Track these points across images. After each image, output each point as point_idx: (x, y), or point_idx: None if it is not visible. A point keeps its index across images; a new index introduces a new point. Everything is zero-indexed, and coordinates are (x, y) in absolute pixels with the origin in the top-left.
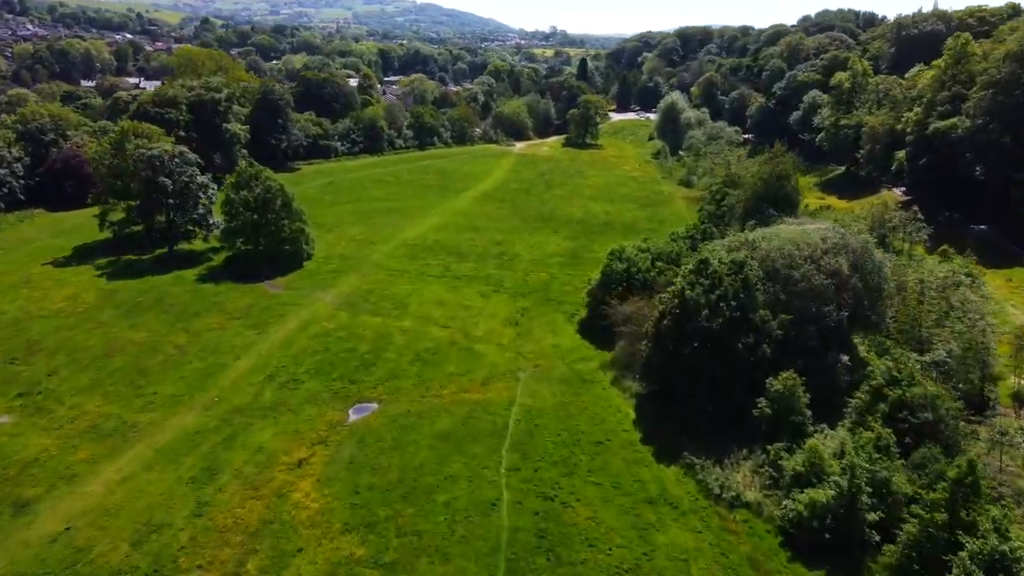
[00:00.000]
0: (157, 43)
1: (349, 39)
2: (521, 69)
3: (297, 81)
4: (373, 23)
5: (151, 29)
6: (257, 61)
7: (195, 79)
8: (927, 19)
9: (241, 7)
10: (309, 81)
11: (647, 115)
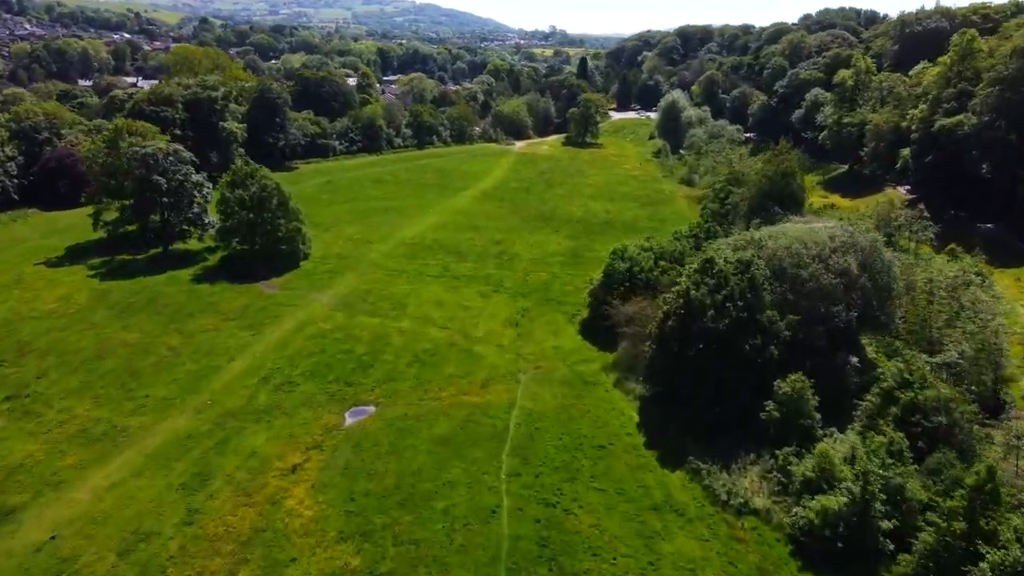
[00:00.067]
0: (155, 43)
1: (348, 39)
2: (521, 68)
3: (295, 80)
4: (372, 23)
5: (149, 29)
6: (256, 61)
7: (192, 77)
8: (931, 16)
9: (240, 7)
10: (307, 80)
11: (647, 114)
